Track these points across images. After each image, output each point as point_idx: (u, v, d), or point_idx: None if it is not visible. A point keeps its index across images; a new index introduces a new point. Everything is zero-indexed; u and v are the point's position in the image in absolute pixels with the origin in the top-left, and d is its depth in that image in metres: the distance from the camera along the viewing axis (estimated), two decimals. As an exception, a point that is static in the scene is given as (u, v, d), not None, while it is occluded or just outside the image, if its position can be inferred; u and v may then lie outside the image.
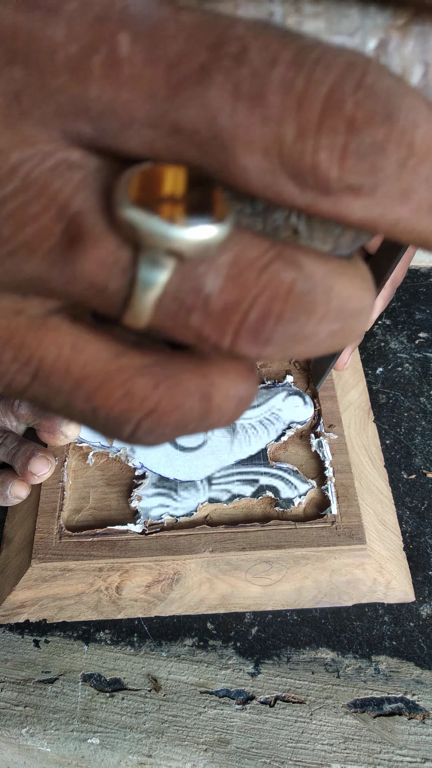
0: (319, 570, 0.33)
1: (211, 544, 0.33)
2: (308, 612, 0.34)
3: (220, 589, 0.34)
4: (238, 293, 0.11)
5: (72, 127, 0.11)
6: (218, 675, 0.33)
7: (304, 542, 0.33)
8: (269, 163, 0.10)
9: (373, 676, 0.33)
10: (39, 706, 0.32)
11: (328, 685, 0.32)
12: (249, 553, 0.33)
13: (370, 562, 0.33)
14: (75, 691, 0.33)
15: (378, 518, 0.35)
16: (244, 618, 0.34)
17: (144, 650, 0.34)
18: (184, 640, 0.34)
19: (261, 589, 0.34)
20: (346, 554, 0.33)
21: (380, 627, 0.34)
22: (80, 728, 0.32)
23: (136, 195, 0.11)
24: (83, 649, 0.34)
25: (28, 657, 0.34)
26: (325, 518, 0.34)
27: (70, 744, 0.31)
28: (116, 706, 0.32)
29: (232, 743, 0.31)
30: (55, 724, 0.32)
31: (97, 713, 0.32)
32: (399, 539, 0.36)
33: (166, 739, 0.31)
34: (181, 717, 0.32)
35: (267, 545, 0.33)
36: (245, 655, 0.33)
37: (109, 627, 0.34)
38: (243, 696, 0.32)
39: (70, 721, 0.32)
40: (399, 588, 0.34)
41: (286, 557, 0.33)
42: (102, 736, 0.31)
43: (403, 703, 0.32)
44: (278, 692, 0.32)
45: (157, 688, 0.33)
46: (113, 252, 0.11)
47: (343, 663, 0.33)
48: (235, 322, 0.11)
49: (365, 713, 0.32)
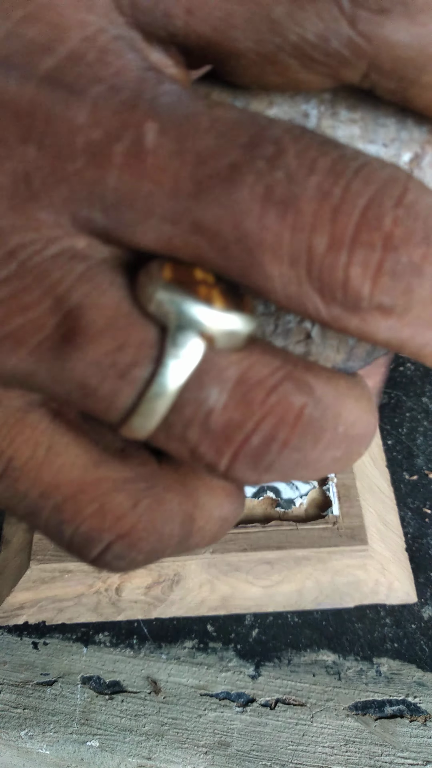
0: (321, 571, 0.34)
1: (212, 545, 0.34)
2: (309, 614, 0.35)
3: (220, 591, 0.34)
4: (242, 413, 0.10)
5: (83, 215, 0.10)
6: (218, 677, 0.33)
7: (306, 543, 0.33)
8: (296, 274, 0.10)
9: (374, 679, 0.33)
10: (38, 708, 0.33)
11: (329, 688, 0.33)
12: (250, 554, 0.33)
13: (372, 563, 0.34)
14: (74, 693, 0.33)
15: (380, 519, 0.36)
16: (245, 620, 0.35)
17: (144, 652, 0.34)
18: (184, 642, 0.34)
19: (262, 591, 0.34)
20: (347, 555, 0.33)
21: (382, 629, 0.35)
22: (79, 731, 0.32)
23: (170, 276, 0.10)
24: (82, 651, 0.35)
25: (26, 659, 0.34)
26: (326, 519, 0.35)
27: (69, 746, 0.32)
28: (116, 708, 0.33)
29: (232, 746, 0.32)
30: (54, 727, 0.32)
31: (96, 716, 0.33)
32: (401, 540, 0.37)
33: (166, 741, 0.32)
34: (181, 719, 0.32)
35: (268, 546, 0.34)
36: (246, 657, 0.34)
37: (108, 629, 0.35)
38: (243, 698, 0.33)
39: (70, 723, 0.33)
40: (401, 589, 0.35)
41: (287, 558, 0.34)
42: (101, 739, 0.32)
43: (404, 706, 0.32)
44: (279, 695, 0.33)
45: (157, 690, 0.33)
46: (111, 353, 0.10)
47: (345, 665, 0.34)
48: (236, 444, 0.11)
49: (366, 716, 0.32)
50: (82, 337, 0.10)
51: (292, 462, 0.11)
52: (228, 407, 0.11)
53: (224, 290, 0.11)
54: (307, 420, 0.11)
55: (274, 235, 0.10)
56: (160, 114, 0.10)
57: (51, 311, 0.10)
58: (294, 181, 0.10)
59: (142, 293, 0.10)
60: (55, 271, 0.10)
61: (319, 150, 0.10)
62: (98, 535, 0.12)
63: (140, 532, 0.12)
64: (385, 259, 0.10)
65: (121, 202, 0.10)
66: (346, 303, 0.10)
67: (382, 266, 0.10)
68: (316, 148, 0.10)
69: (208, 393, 0.10)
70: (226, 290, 0.11)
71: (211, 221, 0.10)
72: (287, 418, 0.11)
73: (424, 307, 0.10)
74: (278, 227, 0.10)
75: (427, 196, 0.10)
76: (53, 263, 0.10)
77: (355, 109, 0.12)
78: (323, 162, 0.10)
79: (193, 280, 0.10)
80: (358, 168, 0.10)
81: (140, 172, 0.10)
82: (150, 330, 0.11)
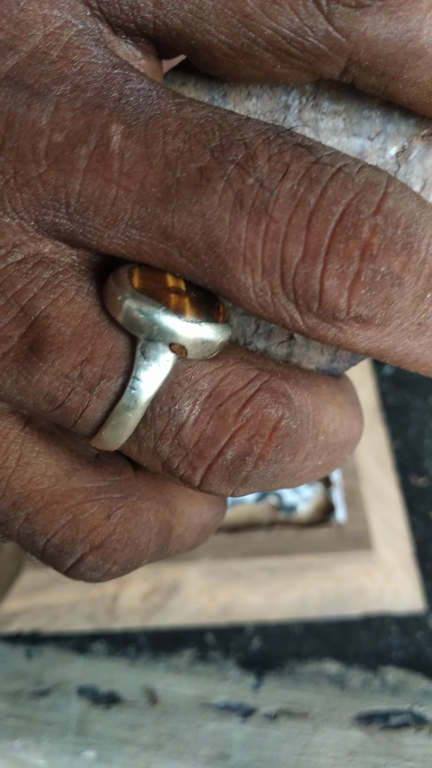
0: (324, 578, 0.33)
1: (212, 551, 0.33)
2: (312, 622, 0.34)
3: (220, 599, 0.34)
4: (216, 426, 0.10)
5: (48, 219, 0.10)
6: (218, 687, 0.33)
7: (309, 549, 0.33)
8: (269, 283, 0.10)
9: (379, 689, 0.33)
10: (32, 718, 0.32)
11: (332, 698, 0.33)
12: (251, 561, 0.33)
13: (378, 570, 0.33)
14: (69, 703, 0.33)
15: (386, 524, 0.36)
16: (245, 628, 0.34)
17: (140, 662, 0.34)
18: (182, 652, 0.34)
19: (263, 598, 0.34)
20: (352, 561, 0.33)
21: (387, 637, 0.34)
22: (75, 741, 0.32)
23: (140, 284, 0.10)
24: (77, 660, 0.34)
25: (20, 668, 0.34)
26: (330, 524, 0.34)
27: (64, 757, 0.32)
28: (112, 719, 0.32)
29: (232, 758, 0.31)
30: (49, 737, 0.32)
31: (92, 726, 0.32)
32: (408, 546, 0.36)
33: (165, 753, 0.31)
34: (179, 730, 0.32)
35: (270, 552, 0.33)
36: (246, 667, 0.33)
37: (104, 637, 0.34)
38: (244, 709, 0.32)
39: (65, 733, 0.32)
40: (407, 596, 0.34)
41: (290, 565, 0.33)
42: (98, 750, 0.31)
43: (410, 716, 0.32)
44: (281, 705, 0.32)
45: (154, 700, 0.33)
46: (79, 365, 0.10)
47: (349, 675, 0.33)
48: (209, 458, 0.10)
49: (371, 726, 0.32)
50: (48, 349, 0.10)
51: (270, 474, 0.11)
52: (201, 420, 0.10)
53: (196, 298, 0.10)
54: (284, 432, 0.11)
55: (246, 243, 0.09)
56: (126, 115, 0.10)
57: (16, 321, 0.10)
58: (265, 187, 0.09)
59: (111, 302, 0.10)
60: (20, 278, 0.10)
61: (293, 154, 0.09)
62: (71, 547, 0.11)
63: (114, 544, 0.12)
64: (363, 269, 0.09)
65: (86, 208, 0.10)
66: (323, 314, 0.10)
67: (360, 277, 0.09)
68: (290, 152, 0.09)
69: (180, 406, 0.10)
70: (199, 298, 0.10)
71: (181, 229, 0.10)
72: (263, 432, 0.10)
73: (405, 317, 0.10)
74: (250, 236, 0.09)
75: (408, 201, 0.09)
76: (18, 270, 0.10)
77: (339, 100, 0.11)
78: (297, 166, 0.09)
79: (163, 288, 0.10)
80: (335, 173, 0.09)
81: (106, 177, 0.10)
82: (119, 340, 0.10)
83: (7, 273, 0.10)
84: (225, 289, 0.10)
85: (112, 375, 0.10)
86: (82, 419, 0.11)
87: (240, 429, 0.10)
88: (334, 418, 0.11)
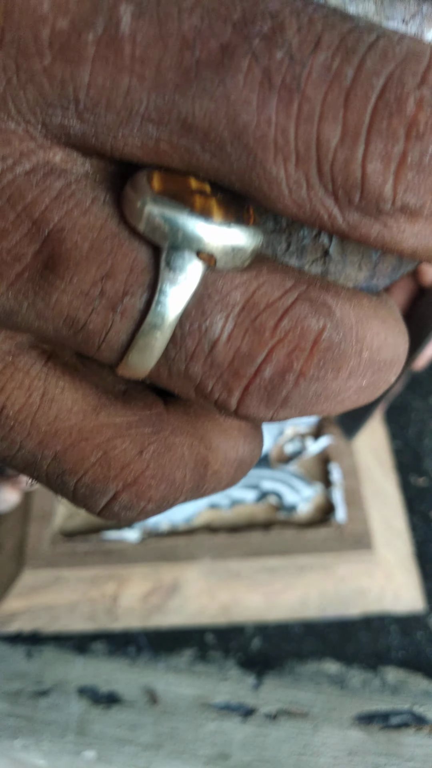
0: (325, 578, 0.33)
1: (212, 551, 0.33)
2: (312, 622, 0.34)
3: (220, 599, 0.34)
4: (251, 342, 0.09)
5: (56, 121, 0.09)
6: (218, 687, 0.33)
7: (309, 549, 0.33)
8: (304, 174, 0.09)
9: (379, 689, 0.33)
10: (32, 718, 0.32)
11: (332, 698, 0.33)
12: (251, 561, 0.33)
13: (378, 570, 0.33)
14: (69, 703, 0.33)
15: (386, 524, 0.35)
16: (245, 628, 0.34)
17: (141, 662, 0.34)
18: (182, 652, 0.34)
19: (263, 599, 0.34)
20: (352, 561, 0.33)
21: (387, 637, 0.34)
22: (75, 741, 0.32)
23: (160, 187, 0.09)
24: (77, 660, 0.34)
25: (20, 668, 0.34)
26: (330, 524, 0.34)
27: (65, 757, 0.32)
28: (112, 718, 0.32)
29: (232, 757, 0.31)
30: (50, 737, 0.32)
31: (92, 726, 0.32)
32: (408, 546, 0.36)
33: (165, 753, 0.31)
34: (179, 730, 0.32)
35: (270, 552, 0.33)
36: (247, 667, 0.33)
37: (104, 637, 0.34)
38: (244, 709, 0.32)
39: (65, 733, 0.32)
40: (408, 596, 0.34)
41: (290, 565, 0.33)
42: (98, 750, 0.32)
43: (410, 716, 0.32)
44: (281, 705, 0.32)
45: (155, 700, 0.33)
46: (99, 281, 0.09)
47: (349, 675, 0.33)
48: (246, 377, 0.10)
49: (371, 726, 0.32)
50: (65, 265, 0.09)
51: (311, 394, 0.10)
52: (235, 336, 0.10)
53: (223, 200, 0.09)
54: (327, 345, 0.10)
55: (277, 128, 0.08)
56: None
57: (29, 237, 0.09)
58: (297, 61, 0.08)
59: (130, 209, 0.09)
60: (30, 190, 0.09)
61: (325, 23, 0.08)
62: (104, 486, 0.11)
63: (149, 480, 0.11)
64: (409, 149, 0.08)
65: (97, 103, 0.09)
66: (366, 206, 0.09)
67: (406, 159, 0.08)
68: (322, 21, 0.08)
69: (211, 321, 0.09)
70: (226, 200, 0.09)
71: (203, 117, 0.09)
72: (303, 345, 0.10)
73: None
74: (281, 118, 0.08)
75: None
76: (27, 181, 0.09)
77: None
78: (330, 37, 0.08)
79: (186, 190, 0.09)
80: (373, 42, 0.08)
81: (117, 65, 0.09)
82: (141, 252, 0.09)
83: (15, 184, 0.09)
84: (254, 187, 0.09)
85: (135, 291, 0.09)
86: (106, 343, 0.10)
87: (278, 343, 0.10)
88: (378, 332, 0.10)
